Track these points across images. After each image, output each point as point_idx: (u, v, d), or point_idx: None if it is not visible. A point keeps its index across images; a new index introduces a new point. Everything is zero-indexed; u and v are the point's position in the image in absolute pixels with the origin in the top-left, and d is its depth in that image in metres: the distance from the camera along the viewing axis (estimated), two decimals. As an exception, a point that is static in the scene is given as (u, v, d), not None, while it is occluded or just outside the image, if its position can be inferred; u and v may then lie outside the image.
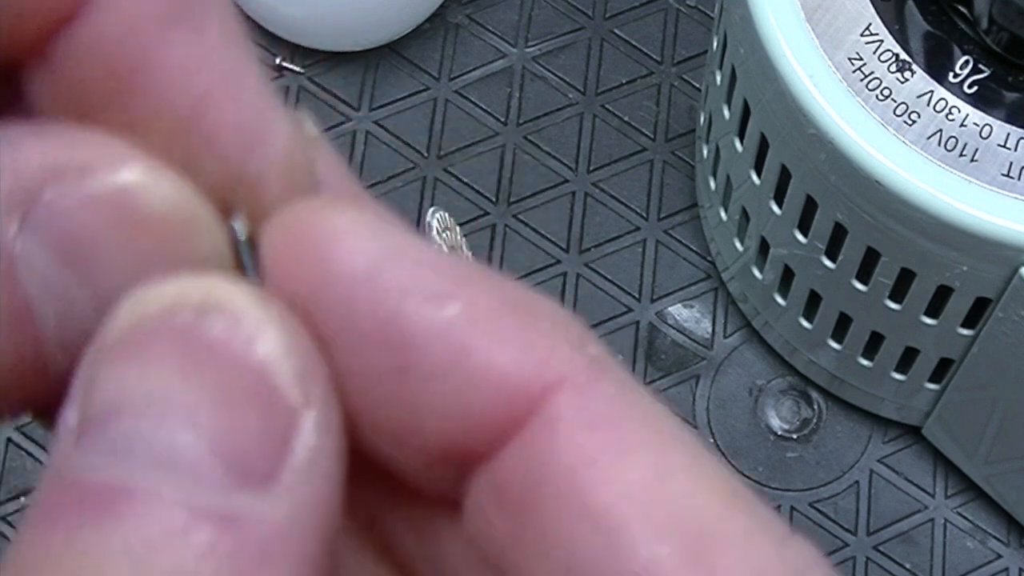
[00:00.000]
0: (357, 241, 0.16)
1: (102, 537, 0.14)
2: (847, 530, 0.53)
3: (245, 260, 0.17)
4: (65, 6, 0.16)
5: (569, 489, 0.15)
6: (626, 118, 0.58)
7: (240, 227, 0.17)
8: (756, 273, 0.51)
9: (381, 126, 0.58)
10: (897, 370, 0.49)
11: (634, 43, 0.59)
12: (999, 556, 0.53)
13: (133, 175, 0.16)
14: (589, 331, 0.17)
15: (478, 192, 0.57)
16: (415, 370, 0.16)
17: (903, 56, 0.41)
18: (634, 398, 0.16)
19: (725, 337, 0.55)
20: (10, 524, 0.52)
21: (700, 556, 0.15)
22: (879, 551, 0.53)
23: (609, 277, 0.56)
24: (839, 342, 0.49)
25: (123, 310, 0.16)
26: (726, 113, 0.47)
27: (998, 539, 0.53)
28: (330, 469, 0.15)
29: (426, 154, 0.57)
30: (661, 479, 0.16)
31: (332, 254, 0.16)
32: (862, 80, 0.41)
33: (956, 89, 0.41)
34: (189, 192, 0.16)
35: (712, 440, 0.54)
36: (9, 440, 0.53)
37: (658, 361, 0.55)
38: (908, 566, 0.53)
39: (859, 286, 0.45)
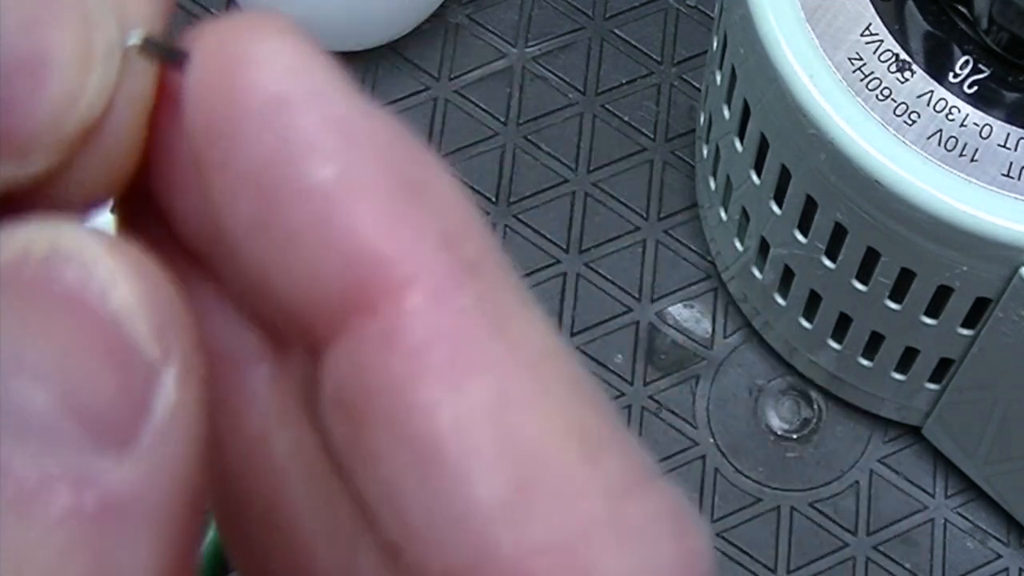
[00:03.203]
0: (270, 70, 0.15)
1: None
2: (847, 530, 0.53)
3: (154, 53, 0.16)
4: None
5: (399, 407, 0.14)
6: (626, 118, 0.58)
7: (135, 34, 0.16)
8: (756, 273, 0.51)
9: (381, 126, 0.58)
10: (897, 370, 0.49)
11: (634, 43, 0.59)
12: (999, 556, 0.53)
13: None
14: (479, 225, 0.15)
15: (478, 192, 0.57)
16: (277, 222, 0.15)
17: (903, 56, 0.41)
18: (500, 311, 0.15)
19: (725, 337, 0.55)
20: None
21: (524, 504, 0.14)
22: (879, 551, 0.53)
23: (609, 277, 0.56)
24: (839, 342, 0.49)
25: None
26: (726, 113, 0.47)
27: (998, 539, 0.53)
28: (193, 424, 0.15)
29: (426, 154, 0.57)
30: (500, 410, 0.14)
31: (244, 79, 0.15)
32: (862, 80, 0.41)
33: (956, 89, 0.41)
34: None
35: (712, 440, 0.54)
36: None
37: (658, 361, 0.55)
38: (908, 566, 0.53)
39: (859, 286, 0.45)
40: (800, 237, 0.46)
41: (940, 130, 0.40)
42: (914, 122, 0.41)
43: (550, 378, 0.15)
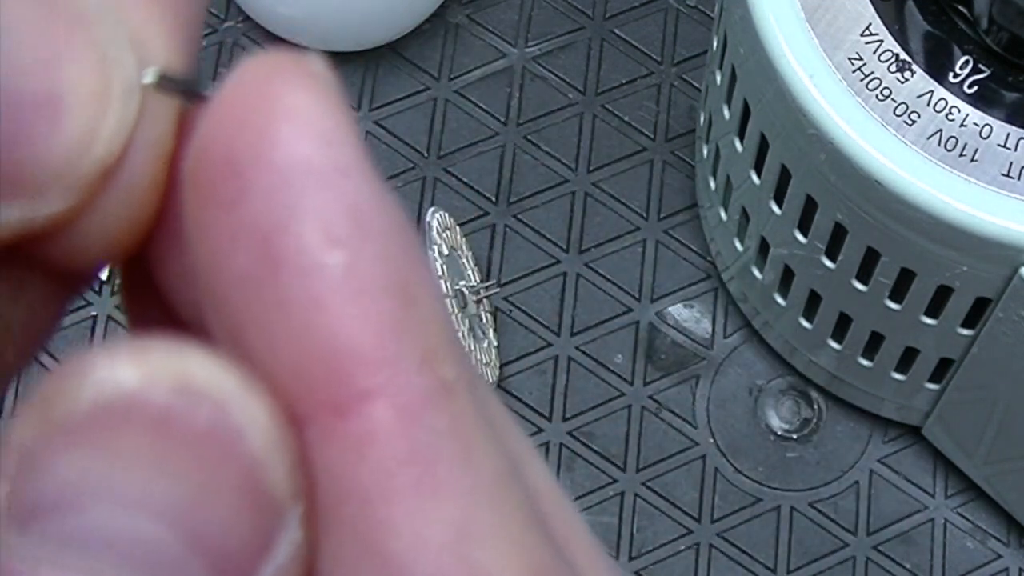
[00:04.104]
0: (303, 131, 0.14)
1: None
2: (847, 530, 0.53)
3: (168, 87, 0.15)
4: None
5: (364, 519, 0.14)
6: (626, 118, 0.58)
7: (151, 72, 0.15)
8: (756, 273, 0.51)
9: (381, 126, 0.58)
10: (897, 370, 0.49)
11: (634, 43, 0.59)
12: (999, 556, 0.53)
13: None
14: (456, 340, 0.15)
15: (478, 192, 0.57)
16: (271, 290, 0.14)
17: (903, 56, 0.41)
18: (469, 436, 0.15)
19: (725, 337, 0.55)
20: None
21: None
22: (879, 551, 0.53)
23: (609, 277, 0.56)
24: (839, 342, 0.49)
25: (80, 382, 0.14)
26: (726, 113, 0.47)
27: (998, 539, 0.53)
28: (305, 559, 0.14)
29: (426, 154, 0.57)
30: (459, 540, 0.14)
31: (274, 133, 0.14)
32: (862, 80, 0.41)
33: (956, 89, 0.41)
34: None
35: (712, 440, 0.54)
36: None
37: (658, 361, 0.55)
38: (908, 566, 0.53)
39: (859, 286, 0.45)
40: (800, 237, 0.46)
41: (940, 130, 0.40)
42: (914, 122, 0.41)
43: (507, 507, 0.15)
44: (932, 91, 0.41)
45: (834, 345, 0.50)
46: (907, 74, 0.41)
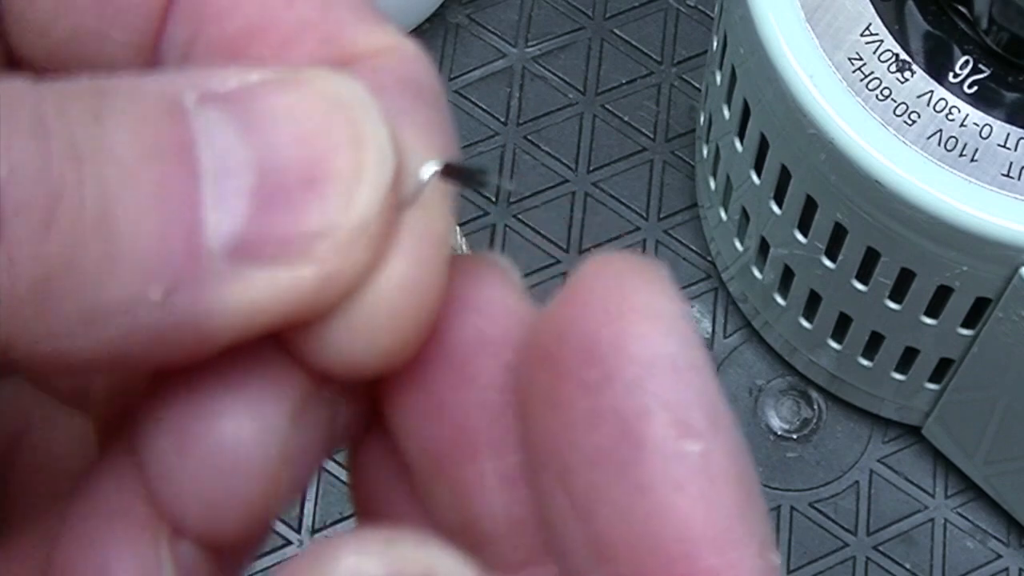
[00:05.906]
0: (660, 328, 0.16)
1: None
2: (847, 530, 0.53)
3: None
4: None
5: None
6: (626, 118, 0.58)
7: (428, 168, 0.17)
8: (756, 273, 0.51)
9: (381, 126, 0.58)
10: (897, 370, 0.49)
11: (634, 43, 0.59)
12: (999, 556, 0.53)
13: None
14: (772, 533, 0.17)
15: (478, 192, 0.57)
16: (628, 465, 0.16)
17: (903, 56, 0.41)
18: None
19: (725, 337, 0.55)
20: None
21: None
22: (879, 551, 0.53)
23: (609, 277, 0.56)
24: (839, 342, 0.49)
25: (331, 567, 0.15)
26: (726, 113, 0.47)
27: (998, 539, 0.53)
28: None
29: (426, 154, 0.57)
30: None
31: (633, 328, 0.16)
32: (862, 80, 0.41)
33: (956, 89, 0.41)
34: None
35: (712, 440, 0.54)
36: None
37: (658, 361, 0.55)
38: (908, 566, 0.53)
39: (859, 286, 0.45)
40: (800, 237, 0.46)
41: (940, 130, 0.40)
42: (914, 122, 0.41)
43: None
44: (932, 91, 0.41)
45: (834, 345, 0.50)
46: (907, 74, 0.41)
